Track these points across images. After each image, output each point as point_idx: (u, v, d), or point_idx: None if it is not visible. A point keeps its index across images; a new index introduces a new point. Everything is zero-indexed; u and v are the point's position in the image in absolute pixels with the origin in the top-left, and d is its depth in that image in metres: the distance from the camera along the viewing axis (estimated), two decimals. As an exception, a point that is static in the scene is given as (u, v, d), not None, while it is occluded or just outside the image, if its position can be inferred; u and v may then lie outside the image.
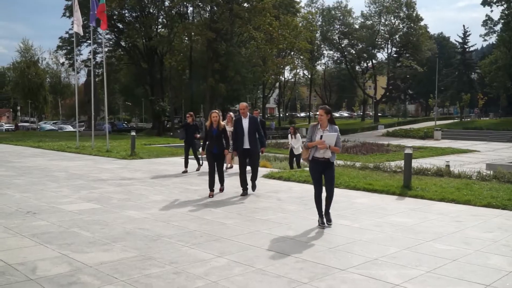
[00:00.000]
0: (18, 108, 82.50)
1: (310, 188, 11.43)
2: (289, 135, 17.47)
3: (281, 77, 71.57)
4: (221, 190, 10.42)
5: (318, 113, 7.41)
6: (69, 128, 63.15)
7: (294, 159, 17.11)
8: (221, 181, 10.37)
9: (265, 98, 75.57)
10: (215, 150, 9.89)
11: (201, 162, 14.23)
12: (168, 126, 59.34)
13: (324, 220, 7.47)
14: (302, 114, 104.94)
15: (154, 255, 5.91)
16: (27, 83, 65.92)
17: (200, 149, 11.05)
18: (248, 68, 54.58)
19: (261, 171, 14.47)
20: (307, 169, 14.79)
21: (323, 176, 7.44)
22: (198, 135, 14.23)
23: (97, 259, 5.71)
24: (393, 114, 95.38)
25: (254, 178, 10.39)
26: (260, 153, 10.92)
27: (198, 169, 14.28)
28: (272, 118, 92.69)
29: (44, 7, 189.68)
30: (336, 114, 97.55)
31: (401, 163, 14.01)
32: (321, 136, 7.17)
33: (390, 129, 56.10)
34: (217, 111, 10.14)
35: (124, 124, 75.22)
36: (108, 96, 27.52)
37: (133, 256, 5.89)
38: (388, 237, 6.85)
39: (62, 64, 69.69)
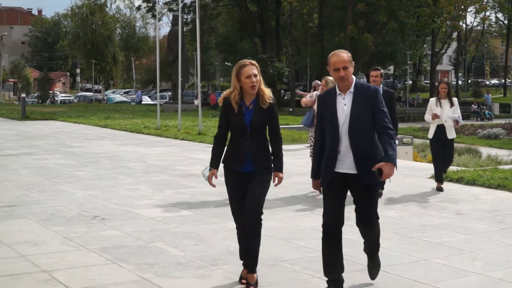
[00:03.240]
0: (78, 71, 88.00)
1: (508, 197, 11.03)
2: (434, 99, 11.97)
3: (461, 24, 69.13)
4: (251, 283, 6.03)
5: None
6: (146, 99, 66.51)
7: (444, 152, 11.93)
8: (254, 258, 6.06)
9: (435, 56, 73.59)
10: (248, 167, 6.08)
11: None
12: (286, 98, 59.91)
13: None
14: (494, 81, 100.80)
15: (270, 288, 6.05)
16: (90, 36, 69.41)
17: (207, 168, 6.30)
18: (410, 10, 53.23)
19: (428, 169, 14.15)
20: (507, 167, 14.21)
21: None
22: None
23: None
24: None
25: (373, 250, 6.19)
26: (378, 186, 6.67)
27: None
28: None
29: None
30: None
31: None
32: None
33: None
34: (253, 62, 6.13)
35: (221, 95, 77.00)
36: (201, 54, 28.42)
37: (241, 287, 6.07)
38: None
39: (138, 8, 72.78)
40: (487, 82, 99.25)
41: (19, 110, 35.06)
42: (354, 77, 5.71)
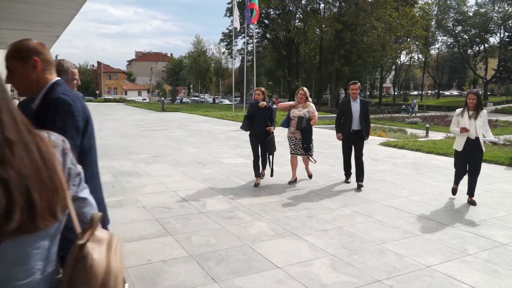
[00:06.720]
0: (191, 86, 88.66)
1: (422, 155, 10.72)
2: (459, 110, 6.05)
3: (397, 61, 67.03)
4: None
5: None
6: (226, 101, 66.52)
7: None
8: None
9: (382, 79, 71.60)
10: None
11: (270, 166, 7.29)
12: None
13: None
14: (414, 93, 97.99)
15: (293, 202, 5.99)
16: (198, 68, 69.99)
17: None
18: (369, 53, 51.72)
19: (378, 140, 13.85)
20: (421, 139, 13.75)
21: None
22: (272, 128, 7.02)
23: (250, 202, 5.96)
24: (502, 93, 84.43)
25: None
26: None
27: (260, 175, 7.18)
28: (388, 96, 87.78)
29: (211, 10, 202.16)
30: (446, 93, 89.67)
31: (510, 137, 12.45)
32: None
33: (499, 107, 49.87)
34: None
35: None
36: (256, 77, 28.21)
37: (276, 201, 6.03)
38: (496, 202, 6.14)
39: (223, 53, 72.32)
40: (411, 93, 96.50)
41: (160, 106, 35.48)
42: (59, 79, 1.99)
